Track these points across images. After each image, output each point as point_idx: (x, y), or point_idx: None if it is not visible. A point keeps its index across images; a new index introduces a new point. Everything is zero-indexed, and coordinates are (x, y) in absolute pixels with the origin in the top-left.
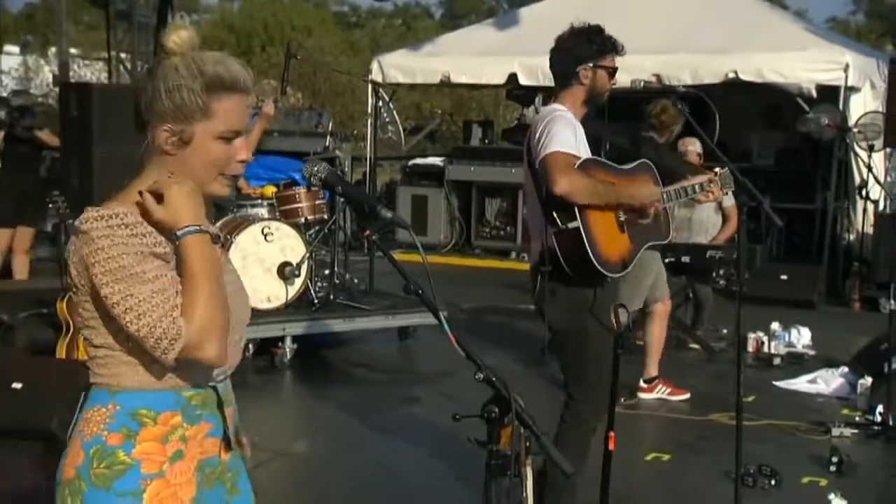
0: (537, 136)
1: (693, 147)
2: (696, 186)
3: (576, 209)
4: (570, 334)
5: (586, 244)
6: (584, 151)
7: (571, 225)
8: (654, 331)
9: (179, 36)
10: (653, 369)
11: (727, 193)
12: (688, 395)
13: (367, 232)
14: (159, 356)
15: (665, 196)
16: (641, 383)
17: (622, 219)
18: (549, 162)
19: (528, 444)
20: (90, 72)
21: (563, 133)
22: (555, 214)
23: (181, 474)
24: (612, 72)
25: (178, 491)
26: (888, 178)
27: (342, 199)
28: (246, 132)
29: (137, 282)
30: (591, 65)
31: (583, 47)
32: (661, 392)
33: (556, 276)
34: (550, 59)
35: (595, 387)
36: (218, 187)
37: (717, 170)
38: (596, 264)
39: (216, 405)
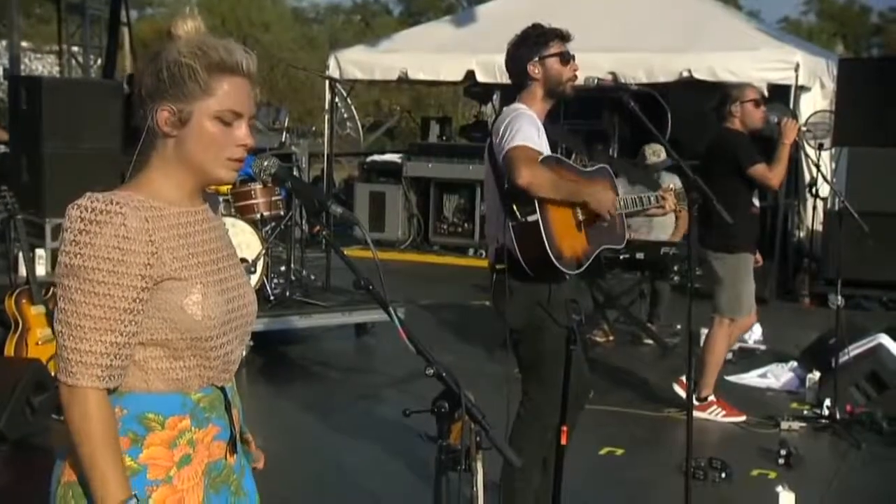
0: (501, 132)
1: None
2: (652, 198)
3: (536, 203)
4: (527, 331)
5: (544, 238)
6: (546, 150)
7: (531, 218)
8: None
9: (189, 25)
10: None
11: (682, 210)
12: (743, 418)
13: (317, 227)
14: (59, 372)
15: (621, 203)
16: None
17: (581, 218)
18: (514, 154)
19: (478, 438)
20: (42, 65)
21: (527, 129)
22: (514, 207)
23: (188, 479)
24: (564, 57)
25: (184, 496)
26: (836, 176)
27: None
28: (251, 118)
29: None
30: (536, 59)
31: (524, 47)
32: (715, 413)
33: (512, 273)
34: (506, 68)
35: (552, 384)
36: (223, 172)
37: (671, 185)
38: (552, 258)
39: (224, 407)
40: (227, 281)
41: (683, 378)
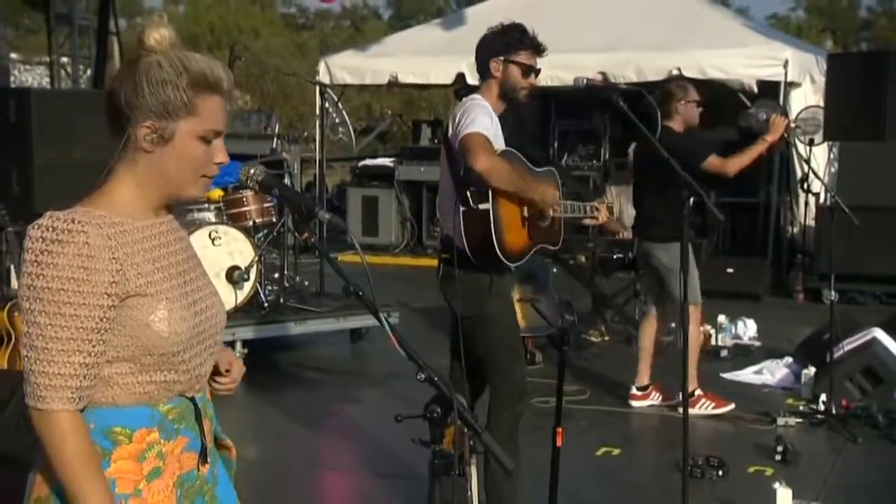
0: (457, 119)
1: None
2: (588, 207)
3: (490, 192)
4: (473, 320)
5: (492, 227)
6: (500, 144)
7: (482, 206)
8: (694, 333)
9: (160, 34)
10: (645, 377)
11: (611, 222)
12: (732, 406)
13: (306, 234)
14: (28, 397)
15: (561, 206)
16: (634, 390)
17: (525, 215)
18: (471, 141)
19: (471, 442)
20: (31, 76)
21: (483, 118)
22: (468, 193)
23: (159, 492)
24: (528, 69)
25: None
26: (830, 170)
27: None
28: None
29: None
30: (501, 58)
31: (496, 41)
32: (705, 406)
33: (457, 262)
34: (475, 50)
35: (509, 371)
36: (196, 190)
37: (605, 199)
38: (497, 249)
39: (194, 417)
40: (193, 293)
41: (634, 388)
